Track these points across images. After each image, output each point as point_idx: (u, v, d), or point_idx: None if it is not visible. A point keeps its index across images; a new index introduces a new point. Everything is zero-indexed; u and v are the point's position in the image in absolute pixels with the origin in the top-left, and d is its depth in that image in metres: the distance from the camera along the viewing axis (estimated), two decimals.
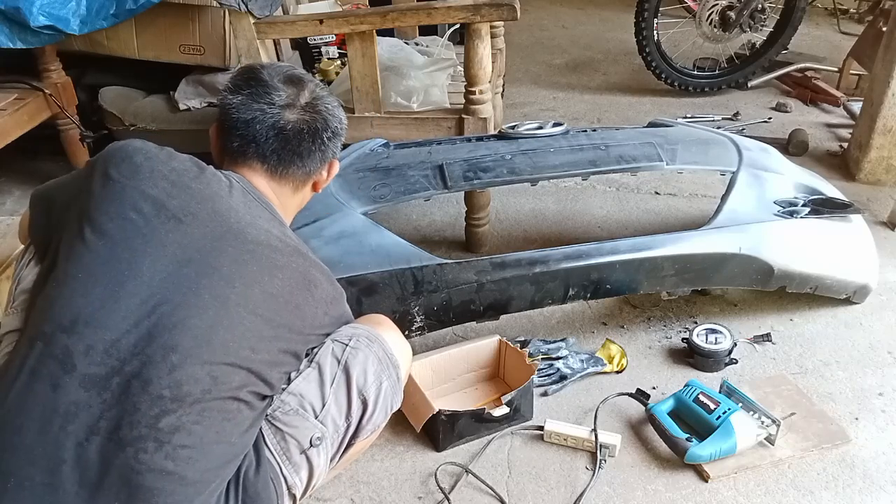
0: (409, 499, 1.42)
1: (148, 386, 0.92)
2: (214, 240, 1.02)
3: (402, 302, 1.52)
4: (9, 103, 2.19)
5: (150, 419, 0.91)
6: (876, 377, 1.70)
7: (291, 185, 1.20)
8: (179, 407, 0.93)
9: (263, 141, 1.14)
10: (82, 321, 0.93)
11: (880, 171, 2.58)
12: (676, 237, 1.67)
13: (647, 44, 3.27)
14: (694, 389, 1.54)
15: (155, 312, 0.95)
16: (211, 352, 0.96)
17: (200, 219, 1.02)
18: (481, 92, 1.98)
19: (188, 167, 1.07)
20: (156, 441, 0.91)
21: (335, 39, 2.41)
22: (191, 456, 0.93)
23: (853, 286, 1.87)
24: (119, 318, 0.94)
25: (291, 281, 1.08)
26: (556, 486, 1.44)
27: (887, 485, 1.43)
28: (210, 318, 0.97)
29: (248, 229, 1.06)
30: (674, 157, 1.80)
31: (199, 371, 0.95)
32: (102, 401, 0.91)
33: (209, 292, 0.98)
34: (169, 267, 0.98)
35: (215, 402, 0.96)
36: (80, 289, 0.95)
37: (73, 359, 0.92)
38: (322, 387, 1.11)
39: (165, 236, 0.99)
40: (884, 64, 2.48)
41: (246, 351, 1.00)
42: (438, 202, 2.48)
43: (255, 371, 1.01)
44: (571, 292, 1.61)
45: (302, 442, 1.07)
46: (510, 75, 3.46)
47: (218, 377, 0.96)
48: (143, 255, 0.97)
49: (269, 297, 1.04)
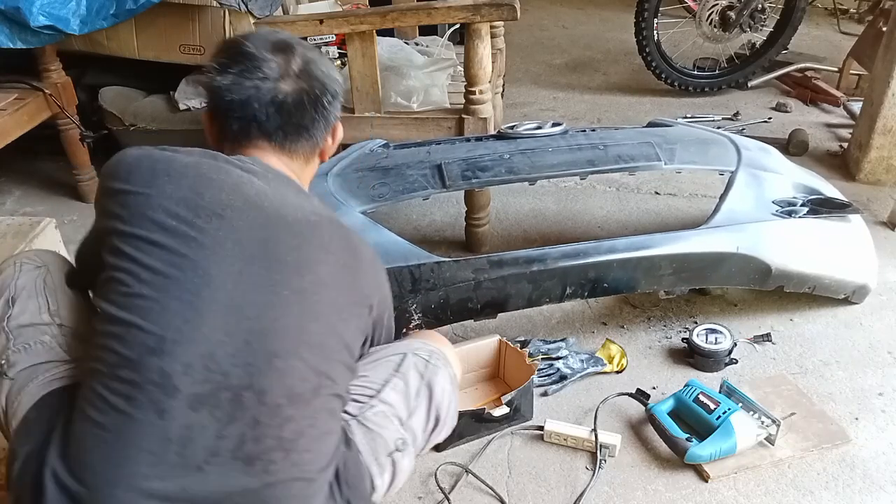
0: (409, 499, 1.42)
1: (264, 396, 0.89)
2: (262, 229, 0.96)
3: (399, 299, 1.52)
4: (9, 103, 2.19)
5: (274, 430, 0.89)
6: (876, 377, 1.70)
7: (302, 158, 1.13)
8: (297, 411, 0.91)
9: (265, 119, 1.07)
10: (170, 340, 0.87)
11: (880, 171, 2.58)
12: (674, 236, 1.67)
13: (647, 44, 3.27)
14: (694, 389, 1.54)
15: (242, 318, 0.90)
16: (309, 349, 0.94)
17: (238, 209, 0.96)
18: (481, 92, 1.98)
19: (201, 160, 1.01)
20: (283, 451, 0.89)
21: (335, 39, 2.40)
22: (311, 458, 0.93)
23: (852, 286, 1.87)
24: (207, 329, 0.89)
25: (342, 252, 1.04)
26: (556, 486, 1.44)
27: (887, 485, 1.43)
28: (297, 314, 0.94)
29: (285, 210, 1.00)
30: (672, 157, 1.80)
31: (305, 371, 0.93)
32: (216, 419, 0.87)
33: (287, 288, 0.94)
34: (235, 266, 0.92)
35: (322, 399, 0.95)
36: (153, 308, 0.89)
37: (174, 380, 0.86)
38: (407, 399, 1.12)
39: (216, 234, 0.93)
40: (884, 64, 2.48)
41: (334, 339, 0.98)
42: (438, 202, 2.48)
43: (344, 360, 1.00)
44: (569, 291, 1.61)
45: (389, 443, 1.07)
46: (510, 75, 3.46)
47: (322, 372, 0.95)
48: (206, 259, 0.92)
49: (335, 275, 1.00)
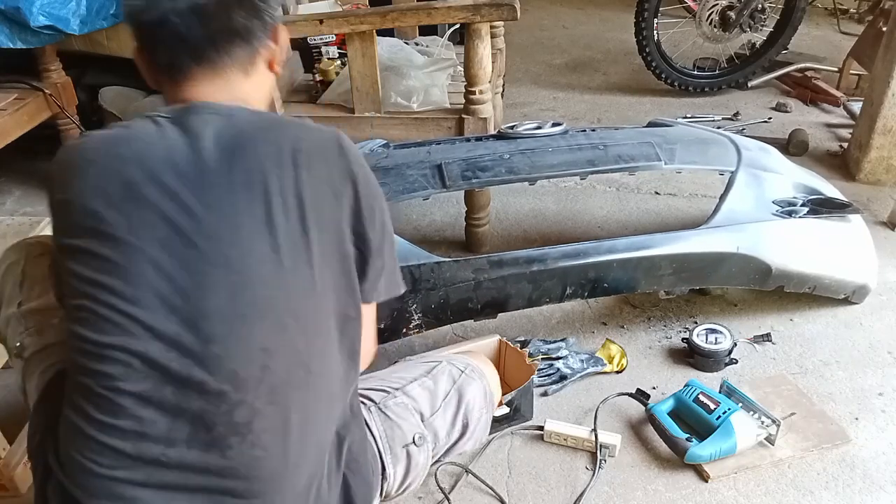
0: (409, 499, 1.41)
1: (205, 385, 0.84)
2: (184, 207, 0.85)
3: (399, 299, 1.52)
4: (9, 103, 2.19)
5: (222, 416, 0.85)
6: (876, 377, 1.70)
7: (241, 71, 0.98)
8: (246, 395, 0.86)
9: (188, 33, 0.92)
10: (107, 345, 0.82)
11: (880, 171, 2.58)
12: (674, 236, 1.67)
13: (647, 44, 3.27)
14: (694, 389, 1.54)
15: (174, 310, 0.83)
16: (248, 327, 0.87)
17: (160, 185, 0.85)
18: (481, 92, 1.98)
19: (130, 134, 0.89)
20: (238, 435, 0.85)
21: (335, 39, 2.40)
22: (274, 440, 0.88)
23: (852, 286, 1.87)
24: (141, 329, 0.82)
25: (314, 152, 0.91)
26: (556, 486, 1.44)
27: (887, 485, 1.43)
28: (226, 291, 0.86)
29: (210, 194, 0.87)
30: (672, 157, 1.80)
31: (247, 352, 0.86)
32: (164, 412, 0.83)
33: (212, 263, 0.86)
34: (154, 252, 0.83)
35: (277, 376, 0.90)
36: (88, 319, 0.83)
37: (117, 382, 0.82)
38: (433, 398, 1.14)
39: (131, 224, 0.83)
40: (884, 64, 2.47)
41: (283, 308, 0.88)
42: (438, 202, 2.48)
43: (312, 327, 0.92)
44: (569, 291, 1.61)
45: (407, 436, 1.08)
46: (510, 75, 3.46)
47: (267, 348, 0.88)
48: (126, 255, 0.83)
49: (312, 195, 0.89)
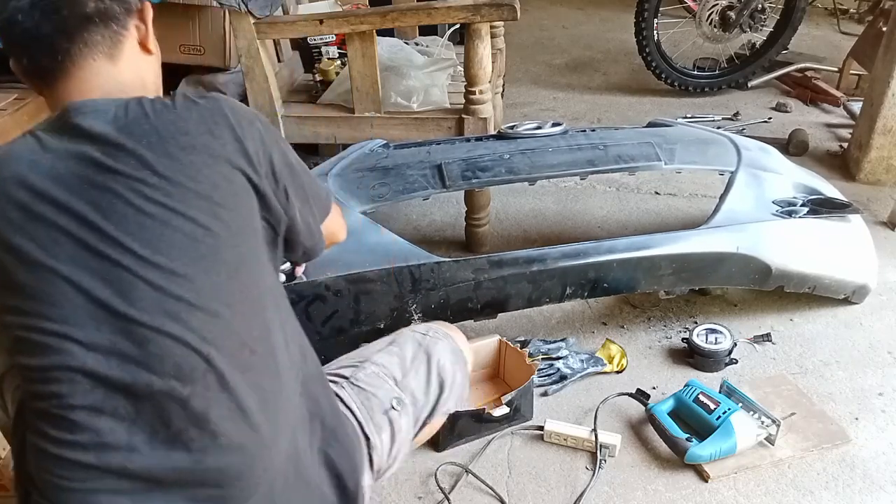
0: (409, 499, 1.42)
1: (151, 387, 0.82)
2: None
3: (399, 299, 1.53)
4: (9, 103, 2.18)
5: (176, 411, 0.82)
6: (876, 377, 1.70)
7: (105, 58, 0.89)
8: (192, 389, 0.84)
9: (37, 30, 0.84)
10: (48, 367, 0.78)
11: (880, 171, 2.57)
12: (674, 236, 1.67)
13: (647, 44, 3.27)
14: (694, 389, 1.54)
15: (105, 314, 0.81)
16: (173, 315, 0.83)
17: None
18: (481, 92, 1.98)
19: (20, 151, 0.82)
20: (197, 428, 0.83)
21: (335, 39, 2.40)
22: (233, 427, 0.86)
23: (852, 286, 1.87)
24: (75, 346, 0.79)
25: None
26: (556, 486, 1.44)
27: (887, 485, 1.43)
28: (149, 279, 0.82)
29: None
30: (672, 157, 1.80)
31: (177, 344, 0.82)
32: (120, 419, 0.80)
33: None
34: (69, 251, 0.79)
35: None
36: (28, 339, 0.79)
37: (68, 400, 0.78)
38: (402, 361, 1.14)
39: (40, 229, 0.79)
40: (884, 64, 2.47)
41: (203, 284, 0.83)
42: (438, 202, 2.48)
43: (240, 299, 0.87)
44: (569, 291, 1.61)
45: (384, 402, 1.08)
46: (510, 75, 3.46)
47: (207, 339, 0.84)
48: (44, 258, 0.79)
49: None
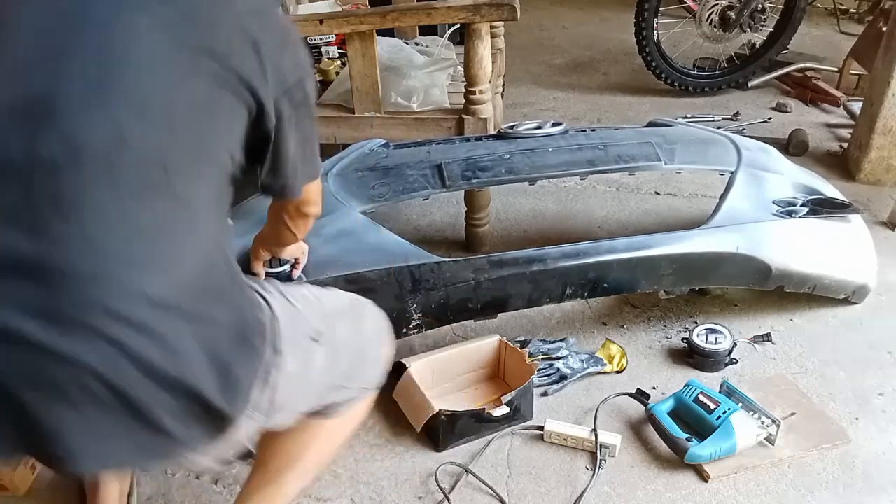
0: (409, 499, 1.42)
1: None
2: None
3: (399, 300, 1.52)
4: None
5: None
6: (876, 377, 1.70)
7: None
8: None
9: None
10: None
11: (880, 171, 2.58)
12: (674, 236, 1.67)
13: (647, 44, 3.27)
14: (694, 389, 1.54)
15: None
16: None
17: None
18: (481, 92, 1.98)
19: None
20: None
21: (335, 39, 2.40)
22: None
23: (852, 286, 1.87)
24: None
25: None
26: (556, 486, 1.44)
27: (887, 485, 1.43)
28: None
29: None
30: (672, 157, 1.80)
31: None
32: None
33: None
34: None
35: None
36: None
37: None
38: (336, 304, 1.13)
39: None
40: (884, 64, 2.48)
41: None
42: (438, 202, 2.48)
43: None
44: (569, 291, 1.61)
45: (309, 326, 1.02)
46: (510, 75, 3.46)
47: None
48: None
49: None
